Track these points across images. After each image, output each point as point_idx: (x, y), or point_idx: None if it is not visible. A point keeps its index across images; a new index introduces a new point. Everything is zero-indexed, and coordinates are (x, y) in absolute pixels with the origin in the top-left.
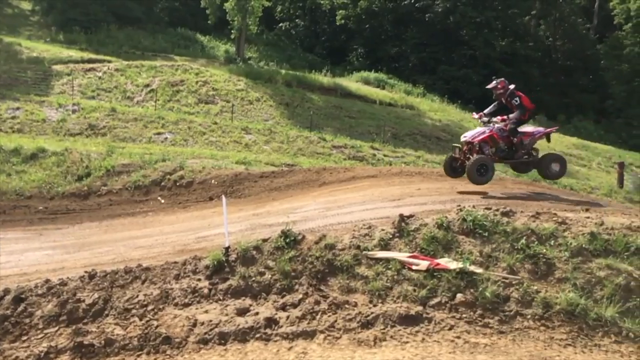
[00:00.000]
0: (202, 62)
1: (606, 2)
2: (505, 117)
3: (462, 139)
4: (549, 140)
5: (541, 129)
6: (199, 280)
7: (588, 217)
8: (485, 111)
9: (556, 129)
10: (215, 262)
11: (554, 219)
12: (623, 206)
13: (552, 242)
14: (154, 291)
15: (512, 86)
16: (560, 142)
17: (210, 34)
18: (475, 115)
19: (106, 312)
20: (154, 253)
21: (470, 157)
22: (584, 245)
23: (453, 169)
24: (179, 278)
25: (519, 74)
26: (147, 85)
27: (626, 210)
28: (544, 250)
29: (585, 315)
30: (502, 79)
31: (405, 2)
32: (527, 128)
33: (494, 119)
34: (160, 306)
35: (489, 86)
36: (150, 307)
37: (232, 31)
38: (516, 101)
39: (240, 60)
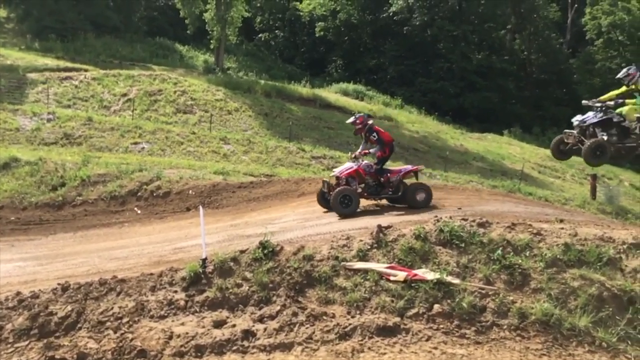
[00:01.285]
0: (180, 72)
1: (578, 18)
2: (366, 151)
3: (331, 174)
4: (416, 177)
5: (408, 166)
6: (175, 292)
7: (562, 228)
8: (360, 149)
9: (422, 167)
10: (192, 274)
11: (529, 230)
12: (596, 217)
13: (527, 253)
14: (129, 303)
15: (370, 121)
16: (535, 154)
17: (189, 43)
18: (350, 154)
19: (79, 325)
20: (130, 264)
21: None
22: (558, 256)
23: (325, 201)
24: (154, 290)
25: (495, 87)
26: (125, 95)
27: (599, 221)
28: (520, 261)
29: (560, 325)
30: (362, 114)
31: (384, 15)
32: (396, 166)
33: (356, 153)
34: (136, 319)
35: (348, 121)
36: (125, 320)
37: (211, 41)
38: (374, 136)
39: (219, 70)
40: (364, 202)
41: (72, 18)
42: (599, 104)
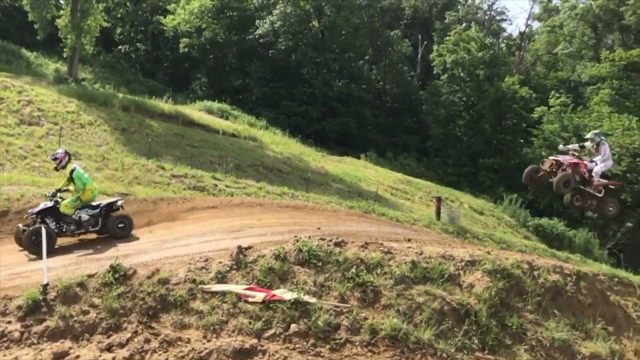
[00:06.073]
0: (27, 80)
1: (427, 54)
2: None
3: None
4: None
5: None
6: (9, 322)
7: (410, 247)
8: None
9: None
10: (30, 302)
11: (380, 248)
12: (440, 236)
13: (378, 271)
14: None
15: None
16: (388, 178)
17: (38, 50)
18: None
19: None
20: None
21: None
22: (406, 273)
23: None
24: None
25: (354, 113)
26: None
27: (442, 240)
28: (372, 279)
29: (407, 339)
30: None
31: (250, 37)
32: None
33: None
34: None
35: None
36: None
37: (65, 49)
38: None
39: (73, 80)
40: None
41: None
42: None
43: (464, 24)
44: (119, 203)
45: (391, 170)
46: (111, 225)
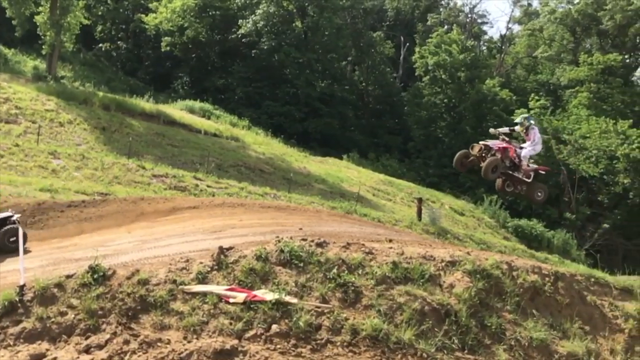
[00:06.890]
0: (4, 77)
1: (409, 56)
2: None
3: None
4: None
5: None
6: None
7: (391, 248)
8: None
9: None
10: (6, 303)
11: (362, 249)
12: (421, 237)
13: (360, 271)
14: None
15: None
16: (370, 178)
17: (16, 47)
18: None
19: None
20: None
21: None
22: (387, 274)
23: None
24: None
25: (336, 114)
26: None
27: (423, 240)
28: (353, 279)
29: (387, 339)
30: None
31: (232, 37)
32: None
33: None
34: None
35: None
36: None
37: (44, 47)
38: None
39: (52, 78)
40: None
41: None
42: None
43: (445, 27)
44: (14, 218)
45: (373, 171)
46: (1, 239)
